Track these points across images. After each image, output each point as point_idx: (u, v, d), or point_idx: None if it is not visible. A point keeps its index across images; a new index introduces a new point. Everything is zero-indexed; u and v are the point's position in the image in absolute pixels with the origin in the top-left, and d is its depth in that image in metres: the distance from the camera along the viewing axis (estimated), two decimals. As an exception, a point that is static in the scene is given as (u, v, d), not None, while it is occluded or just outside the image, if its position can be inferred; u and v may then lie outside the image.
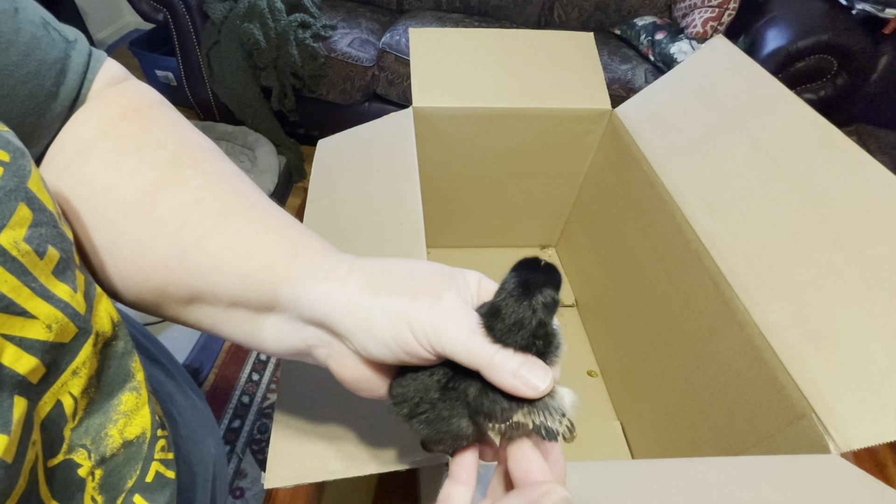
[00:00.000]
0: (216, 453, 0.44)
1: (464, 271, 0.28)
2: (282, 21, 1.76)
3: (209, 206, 0.29)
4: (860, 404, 0.41)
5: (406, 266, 0.27)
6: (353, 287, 0.26)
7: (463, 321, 0.25)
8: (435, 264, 0.28)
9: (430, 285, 0.26)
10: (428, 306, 0.25)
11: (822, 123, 0.54)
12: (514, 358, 0.24)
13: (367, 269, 0.27)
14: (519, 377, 0.24)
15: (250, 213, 0.29)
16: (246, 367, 1.44)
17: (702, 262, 0.58)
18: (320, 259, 0.28)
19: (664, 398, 0.67)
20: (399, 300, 0.25)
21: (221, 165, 0.32)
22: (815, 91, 1.59)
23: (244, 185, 0.31)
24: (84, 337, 0.26)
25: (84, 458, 0.26)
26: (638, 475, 0.38)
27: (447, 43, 0.80)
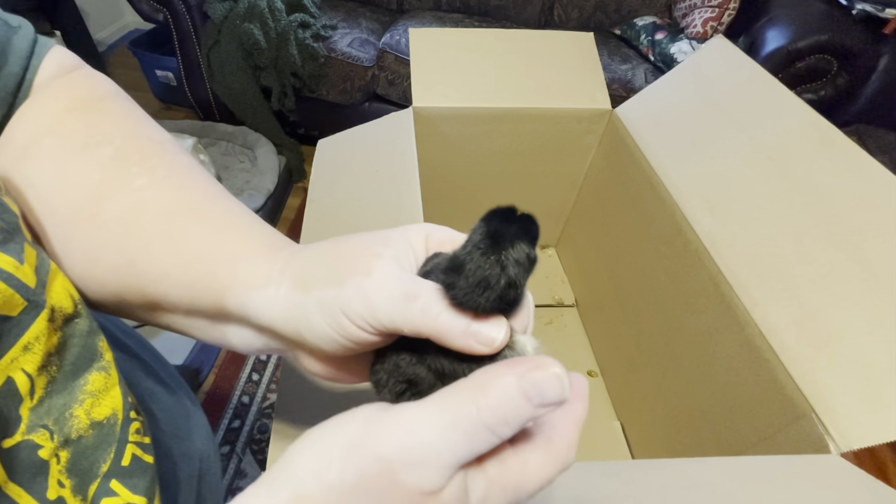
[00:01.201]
0: (203, 449, 0.43)
1: (407, 228, 0.26)
2: (282, 21, 1.76)
3: (153, 207, 0.28)
4: (860, 404, 0.41)
5: (338, 247, 0.25)
6: (286, 289, 0.25)
7: (396, 290, 0.22)
8: (371, 234, 0.26)
9: (357, 262, 0.23)
10: (356, 287, 0.23)
11: (822, 123, 0.54)
12: (460, 315, 0.21)
13: (298, 264, 0.25)
14: (470, 334, 0.21)
15: (195, 212, 0.28)
16: (246, 367, 1.44)
17: (702, 262, 0.58)
18: (258, 260, 0.26)
19: (664, 398, 0.67)
20: (328, 291, 0.23)
21: (171, 158, 0.30)
22: (815, 91, 1.59)
23: (193, 178, 0.30)
24: (34, 311, 0.25)
25: (45, 438, 0.25)
26: (638, 475, 0.38)
27: (447, 43, 0.80)
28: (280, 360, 1.32)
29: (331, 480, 0.19)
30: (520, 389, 0.19)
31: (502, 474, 0.21)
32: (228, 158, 1.87)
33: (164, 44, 1.95)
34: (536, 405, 0.19)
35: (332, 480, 0.19)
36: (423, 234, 0.26)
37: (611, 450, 0.77)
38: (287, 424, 0.39)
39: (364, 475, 0.19)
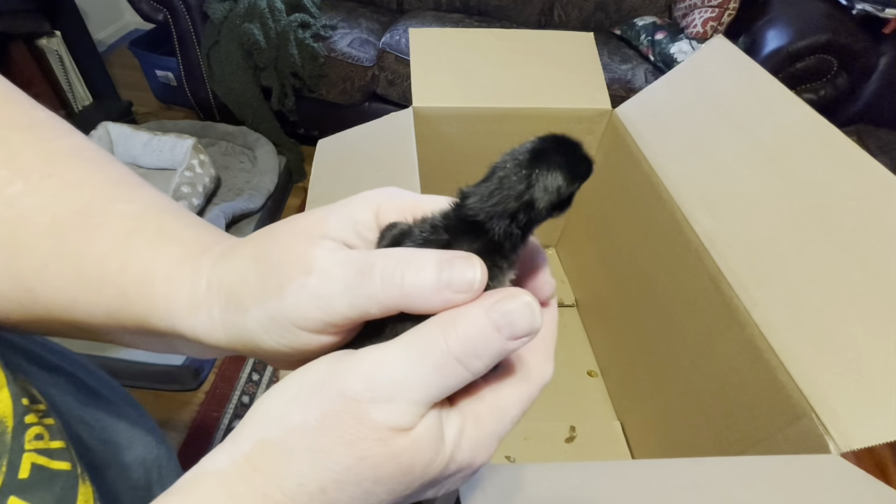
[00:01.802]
0: (152, 458, 0.40)
1: (349, 201, 0.22)
2: (282, 21, 1.76)
3: (38, 221, 0.23)
4: (860, 404, 0.41)
5: (264, 244, 0.21)
6: (218, 310, 0.21)
7: (347, 272, 0.19)
8: (301, 217, 0.22)
9: (291, 258, 0.20)
10: (299, 289, 0.19)
11: (822, 123, 0.54)
12: (426, 266, 0.18)
13: (224, 275, 0.22)
14: (443, 285, 0.18)
15: (89, 220, 0.23)
16: (246, 367, 1.44)
17: (702, 262, 0.58)
18: (175, 277, 0.22)
19: (664, 398, 0.67)
20: (267, 305, 0.20)
21: (47, 148, 0.25)
22: (815, 91, 1.59)
23: (78, 171, 0.25)
24: None
25: None
26: (638, 475, 0.38)
27: (447, 43, 0.80)
28: (280, 360, 1.31)
29: (294, 423, 0.18)
30: (490, 320, 0.18)
31: (476, 406, 0.20)
32: (228, 158, 1.87)
33: (164, 44, 1.95)
34: (507, 337, 0.18)
35: (296, 422, 0.18)
36: (370, 206, 0.22)
37: (611, 450, 0.77)
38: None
39: (328, 413, 0.18)
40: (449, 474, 0.20)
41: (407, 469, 0.18)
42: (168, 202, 0.26)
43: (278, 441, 0.18)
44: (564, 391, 0.85)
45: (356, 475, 0.18)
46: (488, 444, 0.20)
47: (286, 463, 0.18)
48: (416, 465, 0.18)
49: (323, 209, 0.22)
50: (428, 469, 0.19)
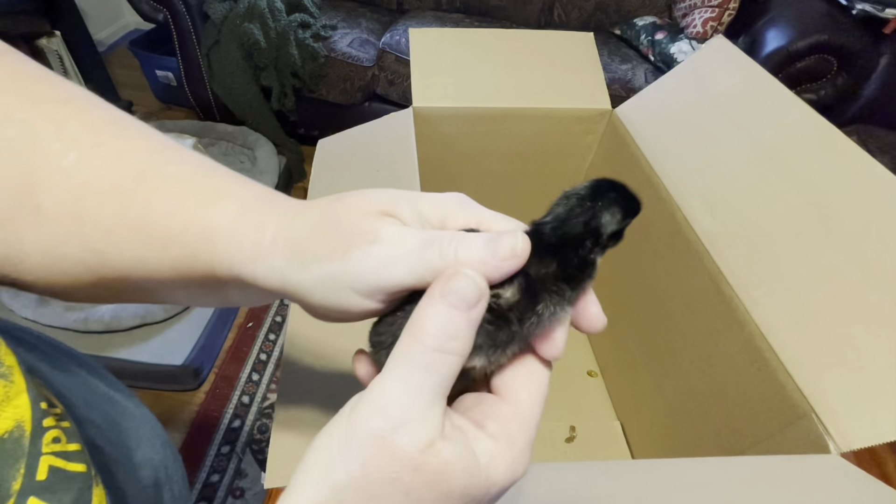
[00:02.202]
0: (159, 458, 0.41)
1: (417, 197, 0.24)
2: (282, 21, 1.76)
3: (98, 189, 0.25)
4: (860, 404, 0.41)
5: (332, 213, 0.23)
6: (280, 262, 0.23)
7: (411, 241, 0.21)
8: (372, 194, 0.24)
9: (361, 231, 0.22)
10: (362, 257, 0.21)
11: (822, 123, 0.54)
12: (474, 240, 0.21)
13: (290, 235, 0.23)
14: (490, 254, 0.20)
15: (146, 184, 0.25)
16: (246, 367, 1.44)
17: (702, 262, 0.58)
18: (240, 231, 0.24)
19: (664, 398, 0.67)
20: (329, 265, 0.22)
21: (91, 118, 0.26)
22: (815, 91, 1.59)
23: (126, 139, 0.26)
24: None
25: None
26: (638, 475, 0.38)
27: (447, 43, 0.80)
28: (280, 360, 1.32)
29: (339, 480, 0.19)
30: (446, 303, 0.20)
31: (502, 426, 0.21)
32: (228, 158, 1.87)
33: (164, 44, 1.95)
34: (466, 309, 0.20)
35: (341, 479, 0.19)
36: (439, 210, 0.24)
37: (611, 450, 0.77)
38: (287, 424, 0.39)
39: (366, 460, 0.19)
40: (493, 496, 0.21)
41: (446, 492, 0.19)
42: (211, 162, 0.27)
43: (330, 500, 0.19)
44: (564, 391, 0.85)
45: None
46: (523, 457, 0.21)
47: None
48: (454, 487, 0.20)
49: (395, 193, 0.24)
50: (468, 490, 0.20)
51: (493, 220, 0.24)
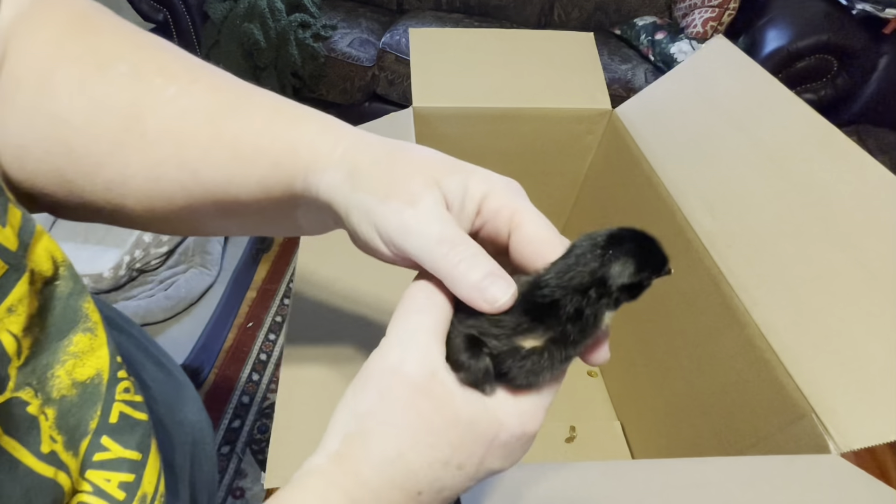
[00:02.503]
0: (196, 420, 0.44)
1: (469, 173, 0.25)
2: (282, 21, 1.76)
3: (196, 115, 0.28)
4: (860, 404, 0.41)
5: (395, 156, 0.26)
6: (341, 176, 0.26)
7: (433, 229, 0.23)
8: (433, 157, 0.26)
9: (407, 185, 0.24)
10: (396, 211, 0.24)
11: (822, 123, 0.54)
12: (478, 267, 0.22)
13: (355, 157, 0.26)
14: (476, 288, 0.22)
15: (237, 111, 0.28)
16: (246, 367, 1.44)
17: (702, 262, 0.58)
18: (317, 143, 0.27)
19: (664, 398, 0.67)
20: (369, 198, 0.24)
21: (185, 63, 0.29)
22: (815, 91, 1.59)
23: (216, 77, 0.30)
24: (16, 274, 0.25)
25: (31, 396, 0.26)
26: (638, 475, 0.38)
27: (447, 43, 0.80)
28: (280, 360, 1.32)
29: (361, 410, 0.23)
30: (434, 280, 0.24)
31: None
32: (228, 158, 1.87)
33: (164, 44, 1.95)
34: None
35: (362, 409, 0.23)
36: (483, 188, 0.25)
37: (611, 450, 0.77)
38: (287, 425, 0.39)
39: (381, 390, 0.22)
40: (504, 441, 0.23)
41: (453, 419, 0.22)
42: (285, 99, 0.30)
43: (356, 430, 0.22)
44: (564, 391, 0.85)
45: (416, 433, 0.22)
46: (535, 411, 0.24)
47: (366, 443, 0.22)
48: (461, 415, 0.22)
49: (452, 164, 0.26)
50: (474, 421, 0.22)
51: (526, 219, 0.25)
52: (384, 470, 0.22)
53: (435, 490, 0.22)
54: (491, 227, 0.26)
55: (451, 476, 0.22)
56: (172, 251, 1.40)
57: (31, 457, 0.25)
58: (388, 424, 0.22)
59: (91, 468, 0.29)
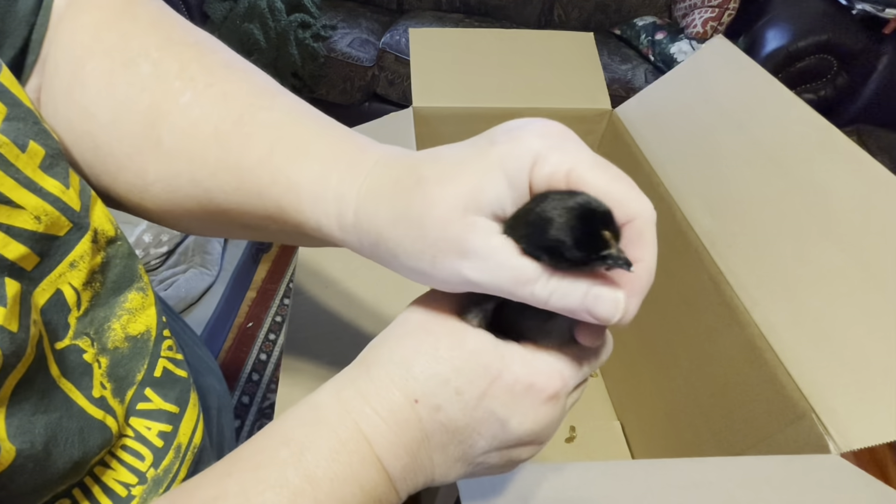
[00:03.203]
0: (219, 389, 0.46)
1: (504, 157, 0.21)
2: (282, 21, 1.76)
3: (204, 128, 0.27)
4: (860, 404, 0.41)
5: (415, 209, 0.22)
6: (369, 245, 0.24)
7: (503, 275, 0.21)
8: (452, 184, 0.21)
9: (447, 239, 0.21)
10: (453, 271, 0.21)
11: (822, 123, 0.54)
12: (573, 292, 0.20)
13: (373, 221, 0.24)
14: (585, 310, 0.21)
15: (241, 128, 0.27)
16: (246, 367, 1.44)
17: (702, 262, 0.58)
18: (322, 199, 0.25)
19: (664, 398, 0.67)
20: (419, 264, 0.22)
21: (209, 61, 0.29)
22: (815, 91, 1.59)
23: (233, 81, 0.29)
24: (79, 232, 0.27)
25: (88, 345, 0.28)
26: (638, 475, 0.38)
27: (447, 43, 0.80)
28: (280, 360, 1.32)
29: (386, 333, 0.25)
30: None
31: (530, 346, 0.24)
32: (228, 158, 1.87)
33: (164, 44, 1.95)
34: None
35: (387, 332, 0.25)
36: (525, 165, 0.21)
37: (611, 450, 0.77)
38: (287, 424, 0.39)
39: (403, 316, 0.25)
40: (507, 382, 0.22)
41: (458, 343, 0.23)
42: (301, 107, 0.29)
43: (378, 342, 0.24)
44: (564, 391, 0.85)
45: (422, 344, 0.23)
46: (545, 366, 0.23)
47: (381, 347, 0.24)
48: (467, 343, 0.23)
49: (476, 166, 0.21)
50: (479, 354, 0.22)
51: (584, 177, 0.21)
52: (388, 369, 0.23)
53: (432, 406, 0.22)
54: None
55: (448, 397, 0.22)
56: (172, 251, 1.40)
57: (84, 399, 0.27)
58: (402, 336, 0.24)
59: (134, 416, 0.31)
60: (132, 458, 0.31)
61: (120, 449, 0.30)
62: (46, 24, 0.29)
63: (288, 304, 1.16)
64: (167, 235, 1.36)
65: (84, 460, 0.27)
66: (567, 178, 0.21)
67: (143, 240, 1.33)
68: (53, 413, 0.25)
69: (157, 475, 0.32)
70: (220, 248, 1.47)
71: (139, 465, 0.31)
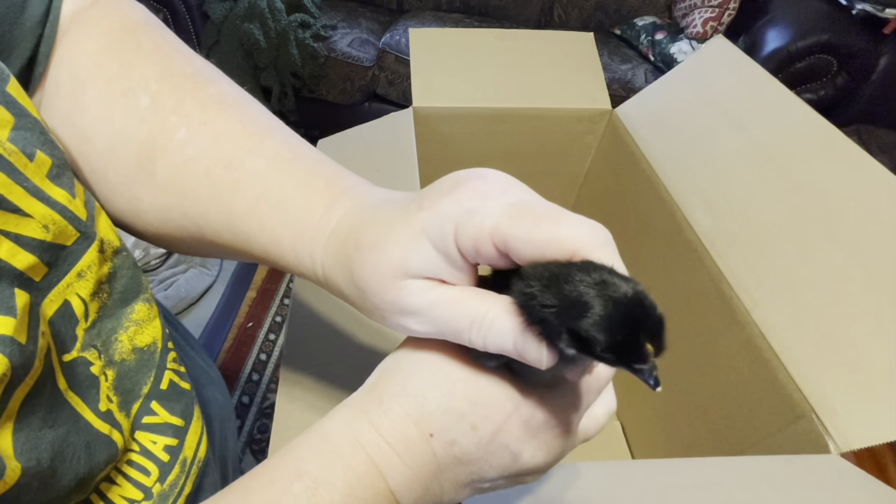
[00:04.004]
0: (221, 399, 0.46)
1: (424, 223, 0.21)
2: (282, 21, 1.76)
3: (197, 168, 0.28)
4: (860, 404, 0.41)
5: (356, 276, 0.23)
6: (337, 293, 0.26)
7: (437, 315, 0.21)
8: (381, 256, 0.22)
9: (386, 302, 0.22)
10: (400, 325, 0.23)
11: (822, 123, 0.54)
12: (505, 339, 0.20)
13: (335, 282, 0.25)
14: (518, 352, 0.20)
15: (231, 173, 0.27)
16: (246, 367, 1.44)
17: (702, 262, 0.58)
18: (302, 255, 0.26)
19: (664, 398, 0.67)
20: (373, 316, 0.24)
21: (204, 95, 0.29)
22: (815, 91, 1.59)
23: (223, 118, 0.29)
24: (86, 242, 0.27)
25: (95, 357, 0.28)
26: (638, 475, 0.38)
27: (447, 43, 0.80)
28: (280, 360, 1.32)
29: (398, 353, 0.25)
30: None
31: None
32: (228, 158, 1.87)
33: (164, 44, 1.95)
34: None
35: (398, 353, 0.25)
36: (448, 233, 0.20)
37: (611, 450, 0.77)
38: (287, 426, 0.39)
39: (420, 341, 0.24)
40: (523, 417, 0.22)
41: (474, 377, 0.22)
42: (287, 148, 0.29)
43: (391, 366, 0.24)
44: (564, 391, 0.85)
45: (438, 376, 0.23)
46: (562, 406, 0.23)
47: (395, 376, 0.23)
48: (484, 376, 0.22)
49: (402, 236, 0.22)
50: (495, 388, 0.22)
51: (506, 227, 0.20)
52: (403, 401, 0.22)
53: (447, 440, 0.22)
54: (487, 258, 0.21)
55: (464, 432, 0.22)
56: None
57: (90, 412, 0.27)
58: (416, 366, 0.23)
59: (140, 430, 0.31)
60: (138, 473, 0.30)
61: (125, 464, 0.30)
62: (54, 36, 0.29)
63: (288, 304, 1.16)
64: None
65: (90, 476, 0.26)
66: (492, 238, 0.20)
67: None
68: (61, 427, 0.25)
69: (162, 490, 0.31)
70: (220, 248, 1.48)
71: (145, 481, 0.31)
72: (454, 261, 0.21)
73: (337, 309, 0.48)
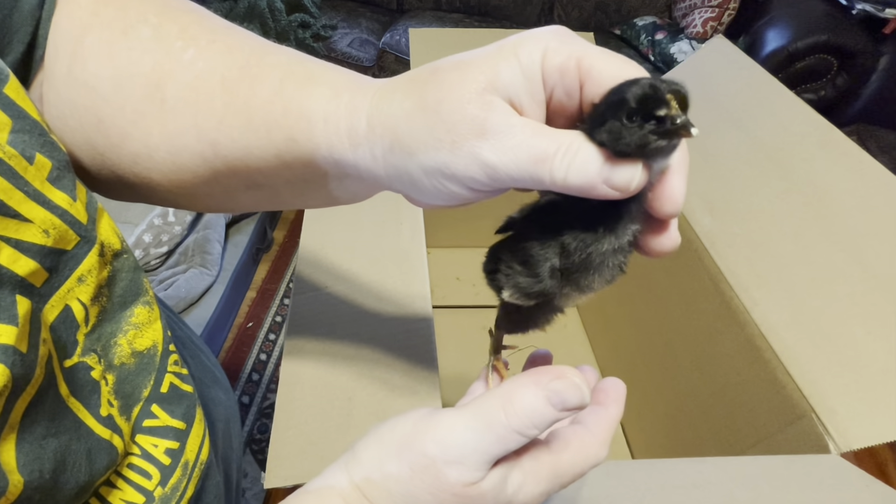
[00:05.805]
0: (226, 400, 0.46)
1: (516, 47, 0.22)
2: (282, 21, 1.76)
3: (210, 79, 0.27)
4: (860, 404, 0.41)
5: (432, 97, 0.22)
6: (381, 151, 0.24)
7: (521, 155, 0.21)
8: (467, 68, 0.22)
9: (465, 120, 0.21)
10: (471, 153, 0.21)
11: (822, 123, 0.54)
12: (591, 162, 0.20)
13: (388, 122, 0.23)
14: (604, 181, 0.20)
15: (251, 74, 0.27)
16: (246, 367, 1.44)
17: (702, 262, 0.58)
18: (334, 117, 0.25)
19: (664, 398, 0.67)
20: (437, 155, 0.22)
21: (209, 24, 0.29)
22: (815, 91, 1.59)
23: (235, 37, 0.29)
24: (87, 245, 0.27)
25: (95, 361, 0.28)
26: (638, 475, 0.38)
27: (447, 43, 0.80)
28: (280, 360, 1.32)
29: (390, 471, 0.23)
30: (544, 397, 0.22)
31: (536, 468, 0.24)
32: (228, 158, 1.88)
33: (164, 44, 1.95)
34: (559, 409, 0.22)
35: (391, 471, 0.23)
36: (537, 56, 0.21)
37: (611, 450, 0.77)
38: (287, 425, 0.39)
39: (415, 469, 0.22)
40: None
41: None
42: (306, 55, 0.29)
43: (380, 482, 0.23)
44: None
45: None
46: (540, 499, 0.24)
47: (387, 499, 0.23)
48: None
49: (491, 55, 0.22)
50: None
51: (595, 63, 0.21)
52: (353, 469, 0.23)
53: None
54: (560, 91, 0.22)
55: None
56: (172, 251, 1.40)
57: (91, 418, 0.27)
58: (411, 497, 0.23)
59: (140, 433, 0.31)
60: (139, 476, 0.30)
61: (126, 468, 0.30)
62: (51, 17, 0.28)
63: (288, 304, 1.16)
64: (167, 236, 1.36)
65: (90, 483, 0.26)
66: (578, 66, 0.21)
67: (144, 240, 1.33)
68: (63, 436, 0.25)
69: (164, 494, 0.31)
70: (220, 247, 1.47)
71: (146, 484, 0.30)
72: (535, 87, 0.22)
73: (337, 309, 0.48)
